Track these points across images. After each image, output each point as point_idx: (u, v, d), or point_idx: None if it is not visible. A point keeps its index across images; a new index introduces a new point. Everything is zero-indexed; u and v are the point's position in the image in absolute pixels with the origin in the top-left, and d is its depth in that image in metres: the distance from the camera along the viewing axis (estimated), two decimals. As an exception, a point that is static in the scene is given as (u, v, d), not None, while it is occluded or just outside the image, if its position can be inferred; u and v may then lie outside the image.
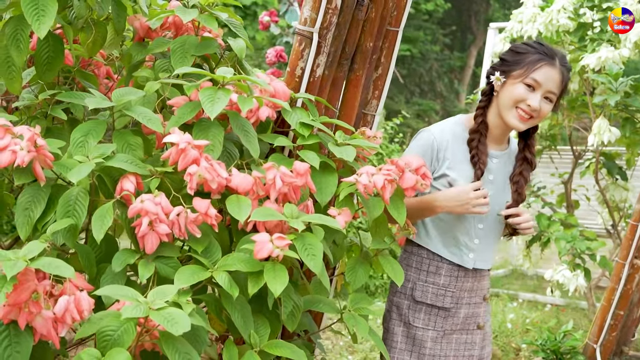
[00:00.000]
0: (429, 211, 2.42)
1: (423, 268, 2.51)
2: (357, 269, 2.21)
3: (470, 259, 2.50)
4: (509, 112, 2.39)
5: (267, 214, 1.85)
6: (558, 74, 2.37)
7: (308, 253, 1.83)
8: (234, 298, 1.77)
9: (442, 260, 2.49)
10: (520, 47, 2.42)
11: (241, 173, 1.92)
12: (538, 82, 2.35)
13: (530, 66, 2.35)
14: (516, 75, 2.37)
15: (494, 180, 2.49)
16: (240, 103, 1.93)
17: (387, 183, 2.03)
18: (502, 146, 2.54)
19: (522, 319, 5.25)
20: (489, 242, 2.54)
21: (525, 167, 2.51)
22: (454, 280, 2.50)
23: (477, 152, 2.42)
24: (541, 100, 2.37)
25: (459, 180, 2.43)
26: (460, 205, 2.38)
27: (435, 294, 2.49)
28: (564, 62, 2.39)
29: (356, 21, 2.37)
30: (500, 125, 2.46)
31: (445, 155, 2.45)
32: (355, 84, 2.47)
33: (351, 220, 2.11)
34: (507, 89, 2.40)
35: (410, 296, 2.52)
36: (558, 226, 4.42)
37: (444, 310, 2.50)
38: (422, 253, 2.52)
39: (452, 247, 2.49)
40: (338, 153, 2.08)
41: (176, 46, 2.14)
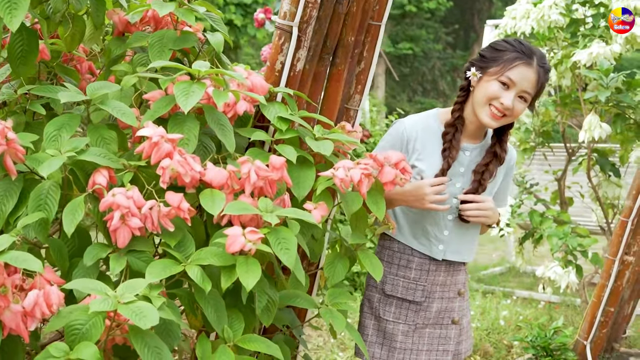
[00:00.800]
0: (389, 203, 2.42)
1: (394, 262, 2.51)
2: (336, 263, 2.20)
3: (440, 251, 2.49)
4: (482, 109, 2.39)
5: (240, 207, 1.84)
6: (534, 74, 2.35)
7: (282, 247, 1.82)
8: (206, 292, 1.76)
9: (413, 253, 2.50)
10: (499, 45, 2.41)
11: (216, 167, 1.91)
12: (513, 80, 2.34)
13: (506, 64, 2.34)
14: (492, 72, 2.36)
15: (465, 173, 2.48)
16: (215, 97, 1.92)
17: (364, 177, 2.02)
18: (476, 140, 2.53)
19: (515, 316, 5.24)
20: (460, 234, 2.52)
21: (493, 161, 2.49)
22: (424, 273, 2.49)
23: (450, 146, 2.42)
24: (515, 99, 2.36)
25: (427, 171, 2.43)
26: (416, 200, 2.38)
27: (405, 288, 2.49)
28: (542, 63, 2.38)
29: (337, 15, 2.36)
30: (474, 121, 2.46)
31: (415, 147, 2.45)
32: (337, 79, 2.46)
33: (335, 214, 2.11)
34: (482, 85, 2.39)
35: (381, 290, 2.53)
36: (550, 223, 4.41)
37: (415, 304, 2.50)
38: (394, 246, 2.52)
39: (422, 238, 2.49)
40: (315, 147, 2.07)
41: (154, 40, 2.13)
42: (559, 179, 4.87)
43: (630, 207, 3.58)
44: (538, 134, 4.62)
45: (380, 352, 2.51)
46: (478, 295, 5.84)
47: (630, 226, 3.61)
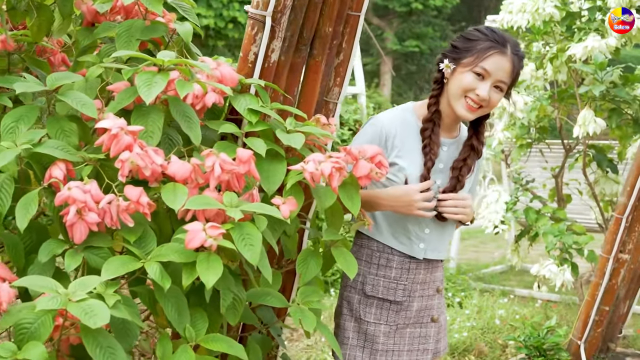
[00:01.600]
0: (374, 206, 2.36)
1: (373, 261, 2.43)
2: (309, 260, 2.13)
3: (421, 249, 2.42)
4: (458, 101, 2.32)
5: (202, 202, 1.77)
6: (509, 62, 2.29)
7: (245, 243, 1.75)
8: (165, 290, 1.69)
9: (393, 252, 2.42)
10: (471, 34, 2.34)
11: (180, 160, 1.84)
12: (488, 71, 2.27)
13: (480, 54, 2.27)
14: (466, 63, 2.30)
15: (444, 169, 2.42)
16: (179, 87, 1.85)
17: (334, 171, 1.94)
18: (453, 134, 2.47)
19: (511, 315, 5.16)
20: (440, 231, 2.46)
21: (471, 155, 2.42)
22: (405, 272, 2.42)
23: (430, 142, 2.35)
24: (491, 90, 2.29)
25: (408, 169, 2.35)
26: (403, 207, 2.31)
27: (386, 288, 2.42)
28: (515, 50, 2.31)
29: (314, 4, 2.29)
30: (450, 114, 2.39)
31: (394, 144, 2.37)
32: (314, 70, 2.39)
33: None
34: (457, 77, 2.32)
35: (361, 290, 2.45)
36: (546, 220, 4.33)
37: (396, 304, 2.42)
38: (372, 245, 2.44)
39: (402, 237, 2.41)
40: (286, 140, 2.00)
41: (122, 30, 2.07)
42: (556, 175, 4.79)
43: (625, 204, 3.50)
44: (534, 129, 4.54)
45: (362, 355, 2.43)
46: (475, 294, 5.76)
47: (624, 223, 3.53)
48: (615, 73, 3.89)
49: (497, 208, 4.63)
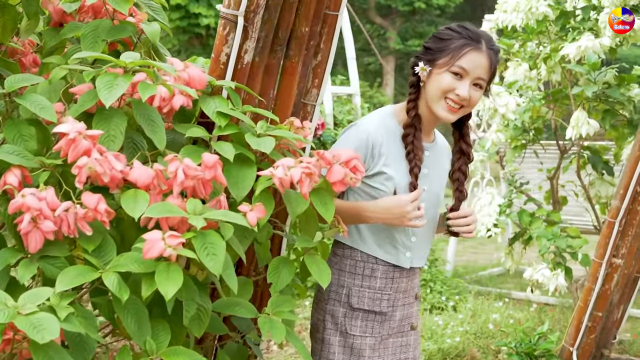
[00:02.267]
0: (361, 219, 2.27)
1: (357, 272, 2.34)
2: (281, 269, 2.06)
3: (407, 258, 2.34)
4: (438, 103, 2.24)
5: (163, 209, 1.70)
6: (485, 58, 2.22)
7: (208, 252, 1.68)
8: (122, 301, 1.62)
9: (377, 261, 2.33)
10: (443, 33, 2.26)
11: (143, 166, 1.77)
12: (465, 69, 2.20)
13: (455, 53, 2.20)
14: (441, 64, 2.22)
15: (428, 174, 2.34)
16: (141, 90, 1.78)
17: (304, 177, 1.87)
18: (431, 138, 2.40)
19: (506, 320, 5.07)
20: (426, 238, 2.40)
21: (464, 161, 2.36)
22: (389, 282, 2.34)
23: (413, 147, 2.27)
24: (470, 88, 2.22)
25: (396, 177, 2.27)
26: (396, 219, 2.23)
27: (371, 299, 2.33)
28: (490, 45, 2.24)
29: (289, 4, 2.22)
30: (429, 117, 2.32)
31: (381, 152, 2.28)
32: (291, 72, 2.32)
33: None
34: (434, 79, 2.24)
35: (346, 303, 2.34)
36: (540, 223, 4.25)
37: (381, 314, 2.34)
38: (356, 255, 2.35)
39: (388, 246, 2.33)
40: (255, 144, 1.93)
41: (87, 31, 2.00)
42: (552, 177, 4.70)
43: (618, 208, 3.42)
44: (529, 130, 4.45)
45: None
46: (470, 298, 5.67)
47: (618, 227, 3.44)
48: (609, 73, 3.81)
49: (490, 211, 4.55)
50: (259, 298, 2.38)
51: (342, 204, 2.27)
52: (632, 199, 3.42)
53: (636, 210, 3.44)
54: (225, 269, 1.78)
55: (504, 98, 4.08)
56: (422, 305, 5.44)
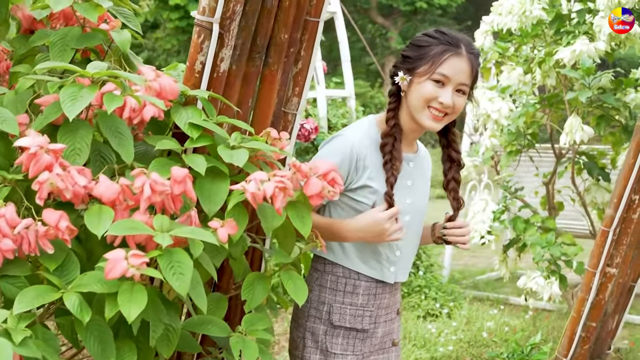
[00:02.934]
0: (340, 238, 2.20)
1: (339, 288, 2.27)
2: (255, 285, 1.99)
3: (392, 273, 2.27)
4: (421, 113, 2.17)
5: (128, 227, 1.63)
6: (466, 63, 2.15)
7: (174, 272, 1.61)
8: (84, 323, 1.56)
9: (360, 277, 2.26)
10: (421, 40, 2.19)
11: (109, 181, 1.70)
12: (447, 76, 2.12)
13: (435, 60, 2.13)
14: (422, 72, 2.15)
15: (412, 186, 2.27)
16: (107, 102, 1.71)
17: (278, 191, 1.80)
18: (413, 148, 2.33)
19: (500, 327, 4.99)
20: (410, 252, 2.33)
21: (455, 169, 2.29)
22: (372, 298, 2.27)
23: (391, 157, 2.19)
24: (453, 95, 2.14)
25: (380, 190, 2.19)
26: (375, 237, 2.16)
27: (353, 316, 2.26)
28: (470, 49, 2.17)
29: (267, 10, 2.15)
30: (412, 127, 2.24)
31: (365, 164, 2.21)
32: (270, 80, 2.25)
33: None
34: (415, 88, 2.17)
35: (327, 320, 2.27)
36: (534, 230, 4.17)
37: (363, 332, 2.27)
38: (337, 271, 2.28)
39: (372, 261, 2.26)
40: (227, 157, 1.85)
41: (56, 39, 1.94)
42: (547, 182, 4.62)
43: (612, 216, 3.34)
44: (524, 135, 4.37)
45: None
46: (465, 304, 5.59)
47: (612, 236, 3.36)
48: (604, 78, 3.73)
49: (484, 217, 4.47)
50: (238, 313, 2.31)
51: (319, 220, 2.21)
52: (627, 207, 3.34)
53: (631, 219, 3.36)
54: (193, 287, 1.72)
55: (497, 103, 4.00)
56: (415, 312, 5.37)
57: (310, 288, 2.30)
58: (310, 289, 2.30)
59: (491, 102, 4.00)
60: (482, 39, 4.76)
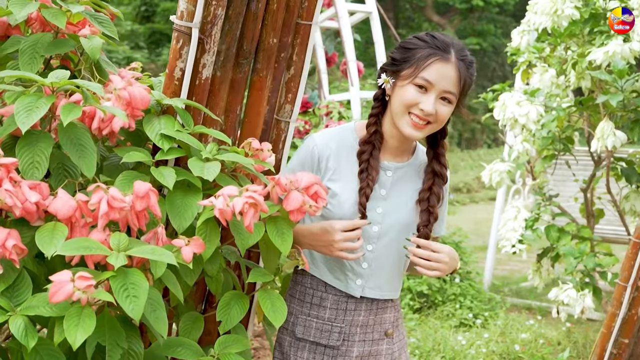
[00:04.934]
0: (296, 242, 2.07)
1: (306, 299, 2.14)
2: (232, 305, 1.89)
3: (358, 286, 2.12)
4: (401, 119, 2.02)
5: (80, 246, 1.54)
6: (453, 69, 1.99)
7: (128, 294, 1.51)
8: (28, 349, 1.47)
9: (327, 289, 2.13)
10: (410, 43, 2.04)
11: (67, 196, 1.61)
12: (429, 81, 1.97)
13: (419, 64, 1.98)
14: (405, 75, 2.00)
15: (387, 196, 2.11)
16: (64, 113, 1.62)
17: (247, 207, 1.69)
18: (401, 157, 2.16)
19: (535, 340, 4.78)
20: (383, 267, 2.14)
21: (436, 182, 2.12)
22: (341, 313, 2.12)
23: (367, 166, 2.05)
24: (436, 103, 1.99)
25: (341, 195, 2.06)
26: (324, 247, 2.02)
27: (319, 330, 2.12)
28: (461, 55, 2.01)
29: (252, 14, 2.04)
30: (396, 135, 2.09)
31: (328, 165, 2.09)
32: (259, 87, 2.14)
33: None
34: (397, 92, 2.03)
35: (291, 332, 2.15)
36: (569, 239, 3.98)
37: (331, 348, 2.12)
38: (305, 282, 2.16)
39: (337, 271, 2.12)
40: (197, 170, 1.75)
41: (26, 46, 1.86)
42: (585, 189, 4.42)
43: (644, 227, 3.14)
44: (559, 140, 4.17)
45: None
46: (501, 313, 5.39)
47: (644, 248, 3.16)
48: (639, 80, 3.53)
49: (516, 225, 4.29)
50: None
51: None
52: (661, 218, 3.14)
53: (665, 230, 3.16)
54: (153, 309, 1.62)
55: (525, 107, 3.82)
56: (449, 321, 5.19)
57: (284, 298, 2.19)
58: (284, 299, 2.19)
59: (519, 105, 3.82)
60: (519, 39, 4.57)
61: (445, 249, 2.06)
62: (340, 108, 5.42)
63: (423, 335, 4.75)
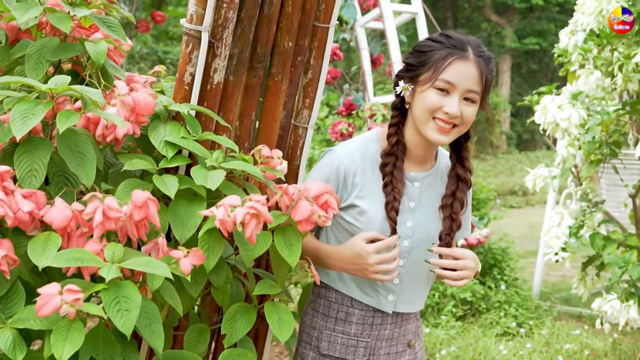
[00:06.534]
0: (324, 265, 2.01)
1: (331, 314, 2.07)
2: (238, 318, 1.83)
3: (390, 302, 2.04)
4: (426, 125, 1.94)
5: (72, 257, 1.49)
6: (474, 67, 1.90)
7: (119, 308, 1.46)
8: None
9: (353, 304, 2.05)
10: (424, 45, 1.96)
11: (63, 205, 1.57)
12: (451, 82, 1.89)
13: (438, 65, 1.89)
14: (424, 80, 1.92)
15: (416, 208, 2.03)
16: (60, 120, 1.58)
17: (249, 218, 1.63)
18: (426, 166, 2.08)
19: (579, 352, 4.62)
20: (414, 281, 2.07)
21: (460, 187, 2.03)
22: (367, 328, 2.05)
23: (392, 179, 1.97)
24: (460, 104, 1.90)
25: (370, 212, 1.98)
26: (358, 271, 1.95)
27: (344, 346, 2.05)
28: (479, 52, 1.92)
29: (266, 17, 1.98)
30: (420, 143, 2.00)
31: (355, 182, 2.00)
32: (274, 92, 2.08)
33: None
34: (418, 98, 1.94)
35: (316, 347, 2.07)
36: (614, 248, 3.83)
37: None
38: (330, 296, 2.08)
39: (367, 287, 2.04)
40: (200, 179, 1.69)
41: (33, 50, 1.83)
42: (634, 195, 4.25)
43: (690, 237, 3.00)
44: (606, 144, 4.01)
45: None
46: (548, 322, 5.22)
47: (691, 259, 3.02)
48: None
49: (559, 233, 4.14)
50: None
51: (307, 242, 2.02)
52: None
53: None
54: (149, 323, 1.57)
55: (567, 111, 3.68)
56: (493, 329, 5.05)
57: (306, 311, 2.13)
58: (305, 312, 2.13)
59: (560, 109, 3.68)
60: (567, 40, 4.42)
61: (468, 253, 1.99)
62: (384, 110, 5.33)
63: (464, 345, 4.63)
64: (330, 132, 5.64)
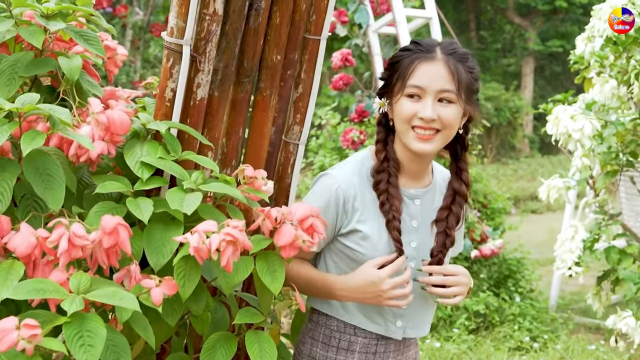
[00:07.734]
0: (333, 297, 1.91)
1: (332, 343, 1.96)
2: (218, 348, 1.73)
3: (399, 328, 1.94)
4: (407, 136, 1.86)
5: (33, 288, 1.41)
6: (442, 66, 1.82)
7: (82, 343, 1.38)
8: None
9: (357, 332, 1.94)
10: (394, 57, 1.90)
11: (28, 231, 1.49)
12: (419, 86, 1.81)
13: (405, 73, 1.82)
14: (396, 90, 1.85)
15: (419, 227, 1.93)
16: (24, 141, 1.50)
17: (225, 245, 1.53)
18: (424, 181, 1.98)
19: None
20: (422, 304, 1.98)
21: (457, 200, 1.94)
22: (370, 357, 1.95)
23: (388, 196, 1.87)
24: (435, 106, 1.81)
25: (372, 237, 1.88)
26: (372, 299, 1.86)
27: None
28: (450, 50, 1.84)
29: (252, 29, 1.89)
30: (411, 157, 1.91)
31: (355, 206, 1.90)
32: (262, 107, 1.99)
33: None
34: (395, 110, 1.87)
35: None
36: (630, 263, 3.69)
37: None
38: (331, 324, 1.97)
39: (374, 315, 1.93)
40: (176, 203, 1.60)
41: (5, 66, 1.75)
42: (652, 207, 4.12)
43: None
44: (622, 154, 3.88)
45: None
46: (563, 336, 5.08)
47: None
48: None
49: (573, 246, 4.02)
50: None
51: (311, 274, 1.93)
52: None
53: None
54: (116, 358, 1.48)
55: (579, 121, 3.55)
56: (507, 343, 4.92)
57: (303, 340, 2.03)
58: (303, 341, 2.02)
59: (573, 119, 3.56)
60: (583, 46, 4.29)
61: (459, 269, 1.92)
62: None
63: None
64: (342, 139, 5.54)
